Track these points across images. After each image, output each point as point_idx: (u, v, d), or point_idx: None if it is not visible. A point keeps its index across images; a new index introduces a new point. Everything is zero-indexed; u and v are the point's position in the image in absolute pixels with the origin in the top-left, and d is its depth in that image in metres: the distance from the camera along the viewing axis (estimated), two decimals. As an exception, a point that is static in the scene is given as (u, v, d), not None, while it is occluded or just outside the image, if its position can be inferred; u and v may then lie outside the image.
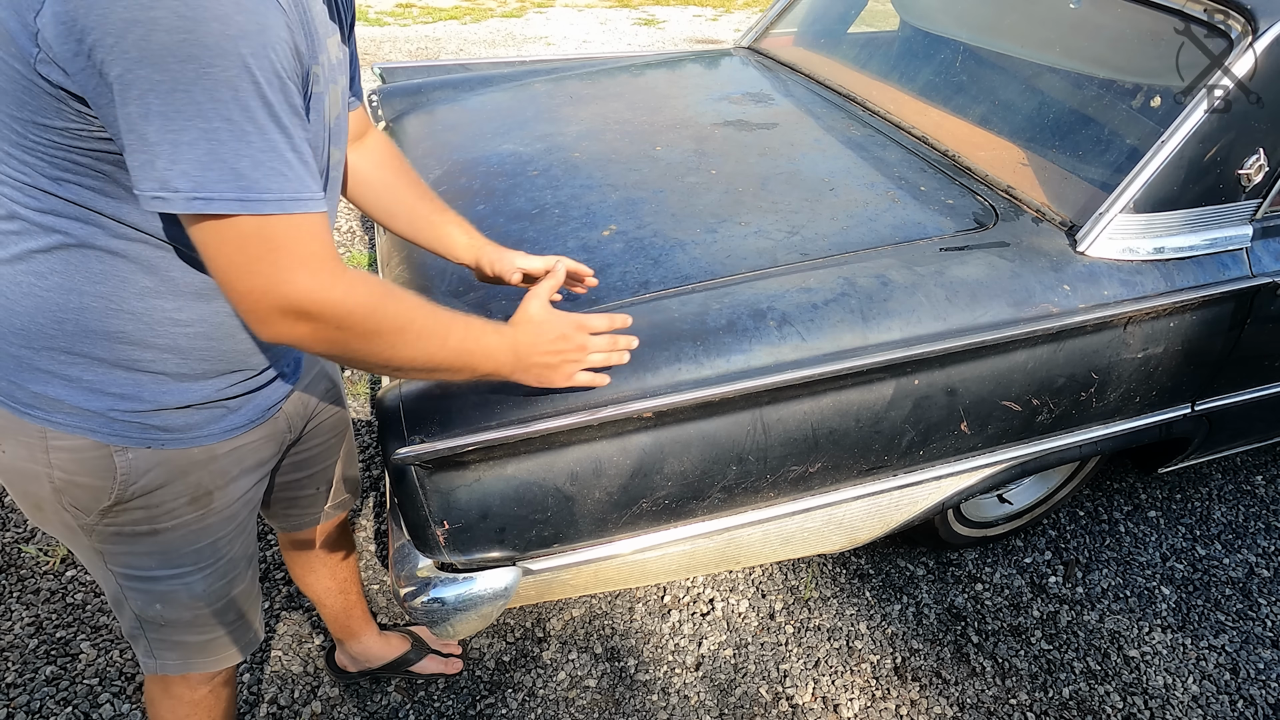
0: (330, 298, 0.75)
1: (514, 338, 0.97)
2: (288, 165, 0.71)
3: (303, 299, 0.74)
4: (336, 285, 0.75)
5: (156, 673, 1.08)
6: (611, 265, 1.40)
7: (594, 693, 1.66)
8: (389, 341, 0.81)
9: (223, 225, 0.70)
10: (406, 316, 0.82)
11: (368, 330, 0.78)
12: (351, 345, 0.79)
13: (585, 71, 2.37)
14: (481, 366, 0.93)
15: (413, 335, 0.83)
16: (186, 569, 0.99)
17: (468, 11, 7.38)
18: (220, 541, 1.01)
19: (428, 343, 0.85)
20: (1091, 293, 1.36)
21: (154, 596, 1.00)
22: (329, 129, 0.87)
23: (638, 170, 1.70)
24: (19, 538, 1.91)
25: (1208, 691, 1.72)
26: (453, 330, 0.88)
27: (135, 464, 0.88)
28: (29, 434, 0.86)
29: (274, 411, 1.02)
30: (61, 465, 0.87)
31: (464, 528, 1.16)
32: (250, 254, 0.71)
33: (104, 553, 0.96)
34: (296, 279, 0.73)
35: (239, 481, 1.00)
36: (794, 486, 1.33)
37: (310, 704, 1.61)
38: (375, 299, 0.79)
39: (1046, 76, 1.72)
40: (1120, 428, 1.56)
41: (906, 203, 1.55)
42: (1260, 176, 1.43)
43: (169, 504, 0.93)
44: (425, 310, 0.85)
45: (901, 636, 1.80)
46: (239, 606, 1.09)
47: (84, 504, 0.90)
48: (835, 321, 1.25)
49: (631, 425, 1.18)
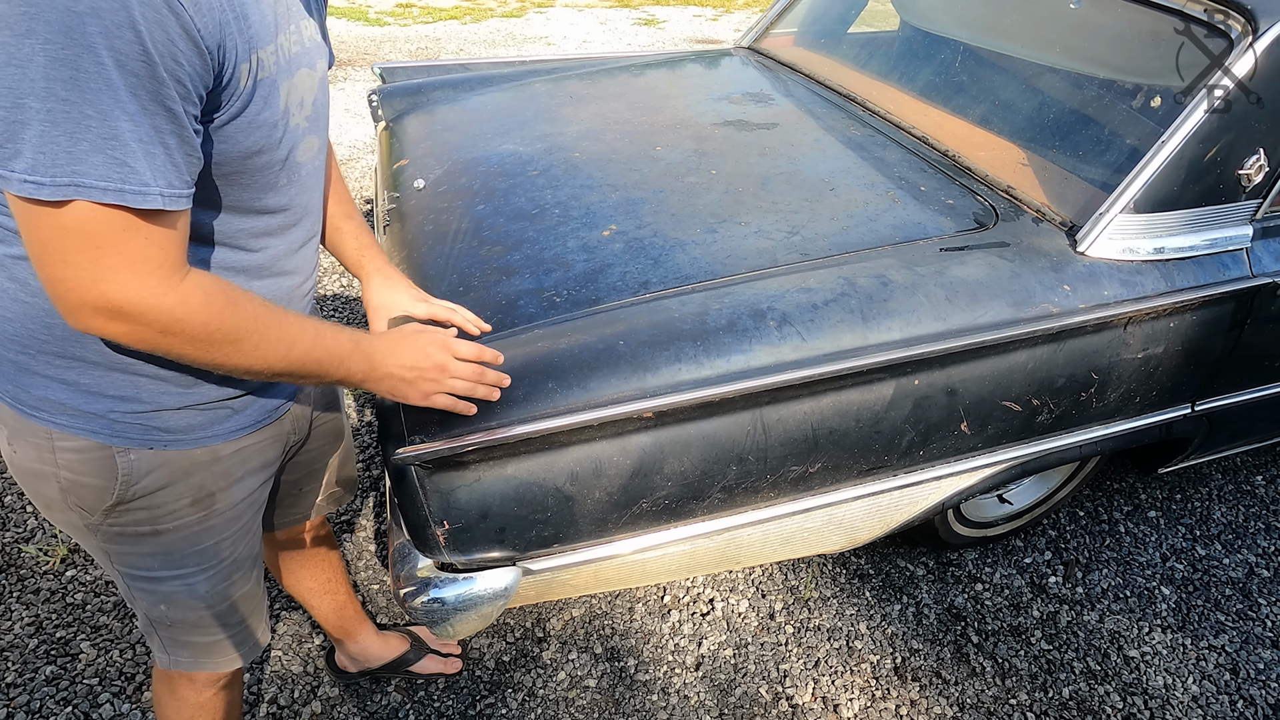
0: (159, 305, 0.71)
1: (371, 345, 0.92)
2: (130, 155, 0.66)
3: (122, 301, 0.70)
4: (169, 294, 0.72)
5: (171, 668, 1.09)
6: (611, 265, 1.40)
7: (594, 693, 1.66)
8: (221, 351, 0.77)
9: (48, 211, 0.66)
10: (244, 327, 0.78)
11: (197, 339, 0.75)
12: (176, 350, 0.75)
13: (585, 71, 2.37)
14: (332, 374, 0.88)
15: (249, 346, 0.79)
16: (189, 570, 0.99)
17: (468, 11, 7.38)
18: (223, 543, 1.01)
19: (267, 352, 0.81)
20: (1091, 293, 1.36)
21: (158, 597, 1.00)
22: (288, 115, 0.84)
23: (638, 170, 1.70)
24: (19, 538, 1.91)
25: (1208, 691, 1.72)
26: (299, 340, 0.83)
27: (137, 465, 0.89)
28: (37, 435, 0.86)
29: (280, 412, 1.01)
30: (67, 465, 0.88)
31: (464, 528, 1.16)
32: (68, 244, 0.67)
33: (109, 552, 0.96)
34: (118, 280, 0.69)
35: (243, 483, 0.99)
36: (794, 487, 1.33)
37: (310, 704, 1.61)
38: (213, 310, 0.75)
39: (1047, 77, 1.72)
40: (1120, 428, 1.55)
41: (906, 203, 1.55)
42: (1260, 177, 1.43)
43: (171, 505, 0.93)
44: (269, 320, 0.80)
45: (901, 636, 1.80)
46: (243, 609, 1.09)
47: (89, 504, 0.90)
48: (835, 321, 1.25)
49: (631, 425, 1.18)
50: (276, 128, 0.82)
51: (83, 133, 0.64)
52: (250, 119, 0.77)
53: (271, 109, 0.80)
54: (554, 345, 1.19)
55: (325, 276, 3.01)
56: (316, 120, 0.91)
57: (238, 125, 0.77)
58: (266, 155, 0.82)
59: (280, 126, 0.82)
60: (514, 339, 1.23)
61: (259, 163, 0.82)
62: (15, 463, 0.91)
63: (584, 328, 1.23)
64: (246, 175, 0.82)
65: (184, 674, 1.12)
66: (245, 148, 0.79)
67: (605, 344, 1.19)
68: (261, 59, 0.76)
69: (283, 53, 0.80)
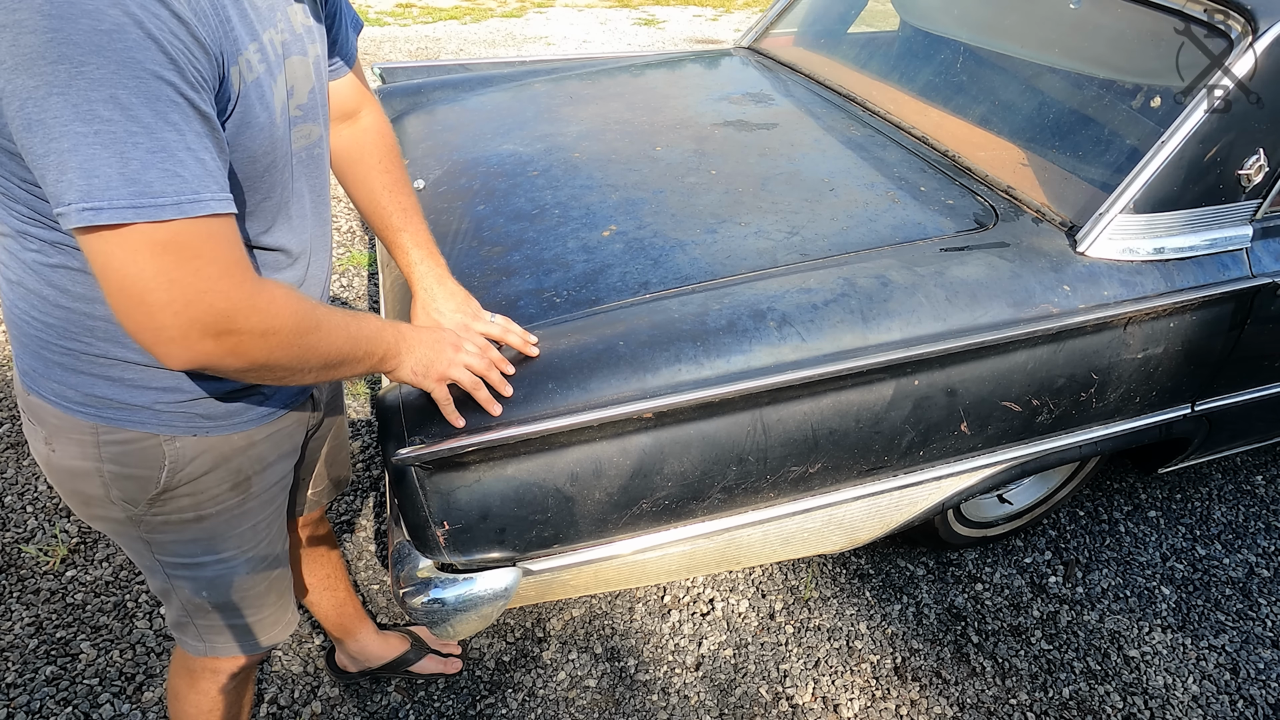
0: (255, 304, 0.71)
1: (398, 323, 0.95)
2: (181, 165, 0.65)
3: (228, 309, 0.69)
4: (260, 293, 0.72)
5: (205, 655, 1.11)
6: (611, 266, 1.40)
7: (594, 693, 1.66)
8: (309, 340, 0.78)
9: (121, 236, 0.64)
10: (316, 313, 0.79)
11: (291, 331, 0.75)
12: (276, 353, 0.75)
13: (585, 71, 2.37)
14: (376, 348, 0.89)
15: (325, 331, 0.80)
16: (230, 553, 1.02)
17: (468, 11, 7.38)
18: (260, 525, 1.04)
19: (337, 333, 0.82)
20: (1091, 293, 1.36)
21: (201, 583, 1.03)
22: (286, 110, 0.83)
23: (638, 170, 1.70)
24: (19, 538, 1.91)
25: (1208, 691, 1.72)
26: (347, 319, 0.85)
27: (182, 452, 0.91)
28: (81, 431, 0.88)
29: (304, 396, 1.04)
30: (113, 458, 0.89)
31: (464, 528, 1.16)
32: (162, 264, 0.65)
33: (152, 543, 0.98)
34: (220, 287, 0.68)
35: (275, 466, 1.02)
36: (794, 487, 1.33)
37: (310, 704, 1.61)
38: (291, 301, 0.76)
39: (1046, 77, 1.72)
40: (1120, 428, 1.55)
41: (906, 203, 1.55)
42: (1260, 177, 1.43)
43: (212, 490, 0.95)
44: (324, 307, 0.82)
45: (901, 636, 1.80)
46: (279, 587, 1.13)
47: (132, 495, 0.92)
48: (835, 322, 1.25)
49: (631, 426, 1.18)
50: (274, 127, 0.81)
51: (131, 150, 0.62)
52: (243, 122, 0.77)
53: (267, 109, 0.79)
54: (554, 346, 1.19)
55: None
56: (312, 107, 0.90)
57: (233, 130, 0.76)
58: (266, 158, 0.82)
59: (280, 125, 0.82)
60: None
61: (260, 166, 0.82)
62: (53, 462, 0.92)
63: (584, 328, 1.23)
64: (247, 181, 0.81)
65: (209, 666, 1.14)
66: (244, 152, 0.79)
67: (605, 344, 1.19)
68: (249, 60, 0.76)
69: (271, 48, 0.80)
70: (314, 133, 0.92)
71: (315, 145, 0.93)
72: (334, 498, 1.38)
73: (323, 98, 0.94)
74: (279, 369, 0.77)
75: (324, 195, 0.99)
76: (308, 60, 0.88)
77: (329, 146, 1.00)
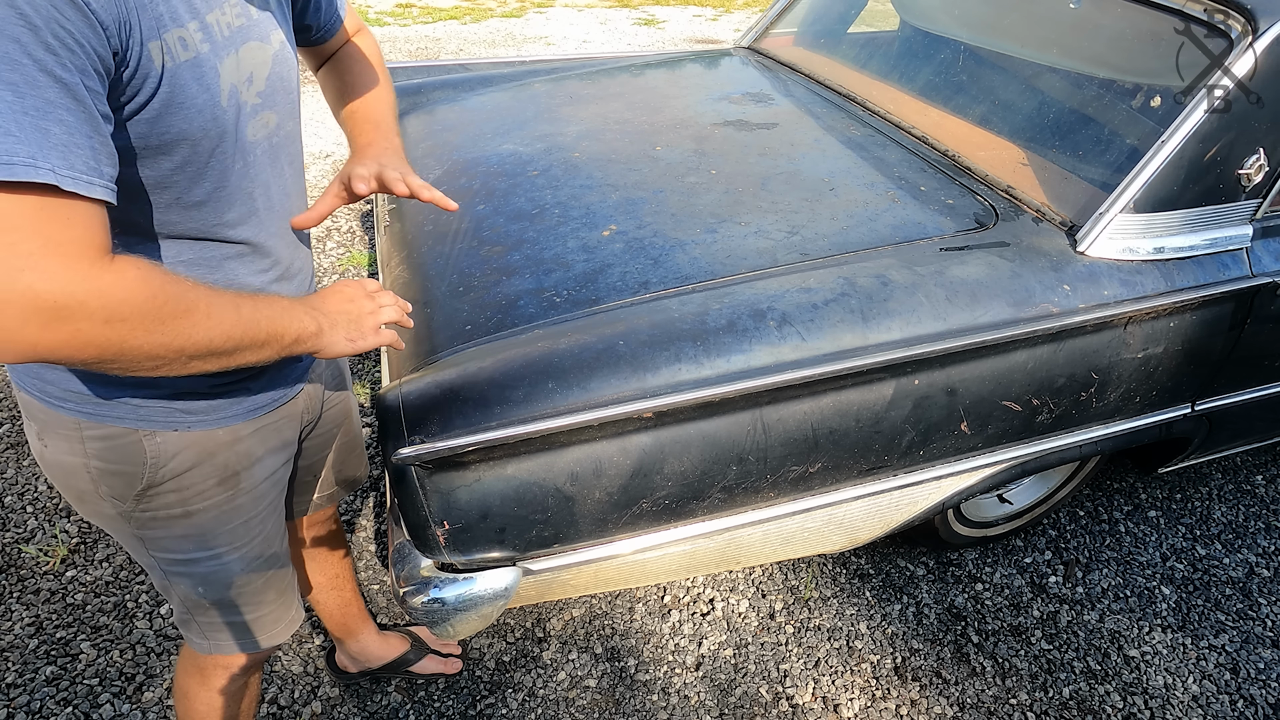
0: (94, 287, 0.63)
1: (306, 298, 0.87)
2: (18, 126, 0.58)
3: (54, 292, 0.61)
4: (103, 274, 0.64)
5: (211, 653, 1.10)
6: (611, 265, 1.40)
7: (594, 693, 1.66)
8: (176, 327, 0.69)
9: None
10: (190, 296, 0.71)
11: (147, 316, 0.67)
12: (129, 340, 0.66)
13: (585, 71, 2.37)
14: (286, 331, 0.81)
15: (201, 315, 0.71)
16: (222, 549, 1.01)
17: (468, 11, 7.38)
18: (252, 521, 1.03)
19: (220, 318, 0.73)
20: (1091, 292, 1.36)
21: (195, 579, 1.02)
22: (235, 94, 0.80)
23: (638, 170, 1.70)
24: (19, 538, 1.91)
25: (1208, 691, 1.72)
26: (240, 301, 0.76)
27: (164, 447, 0.90)
28: (66, 426, 0.88)
29: (294, 392, 1.03)
30: (97, 454, 0.89)
31: (464, 528, 1.16)
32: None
33: (144, 539, 0.98)
34: (43, 267, 0.60)
35: (264, 462, 1.01)
36: (794, 486, 1.33)
37: (310, 704, 1.61)
38: (153, 282, 0.67)
39: (1046, 76, 1.72)
40: (1120, 427, 1.55)
41: (906, 203, 1.55)
42: (1260, 176, 1.43)
43: (198, 485, 0.95)
44: (205, 288, 0.74)
45: (901, 636, 1.80)
46: (278, 585, 1.12)
47: (120, 491, 0.92)
48: (835, 321, 1.25)
49: (631, 425, 1.18)
50: (218, 110, 0.77)
51: None
52: (172, 101, 0.73)
53: (207, 91, 0.75)
54: (554, 345, 1.19)
55: (324, 277, 3.01)
56: (272, 95, 0.86)
57: (159, 110, 0.72)
58: (209, 143, 0.78)
59: (228, 109, 0.79)
60: (514, 339, 1.23)
61: (203, 150, 0.78)
62: (46, 458, 0.92)
63: (584, 328, 1.23)
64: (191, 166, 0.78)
65: (220, 662, 1.14)
66: (177, 134, 0.75)
67: (605, 344, 1.19)
68: (184, 38, 0.72)
69: (217, 29, 0.77)
70: (272, 121, 0.88)
71: (275, 134, 0.89)
72: (345, 496, 1.38)
73: (287, 86, 0.90)
74: (146, 359, 0.69)
75: (297, 187, 0.96)
76: (268, 47, 0.85)
77: (299, 139, 0.97)
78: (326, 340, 0.87)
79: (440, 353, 1.26)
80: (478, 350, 1.23)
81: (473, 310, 1.33)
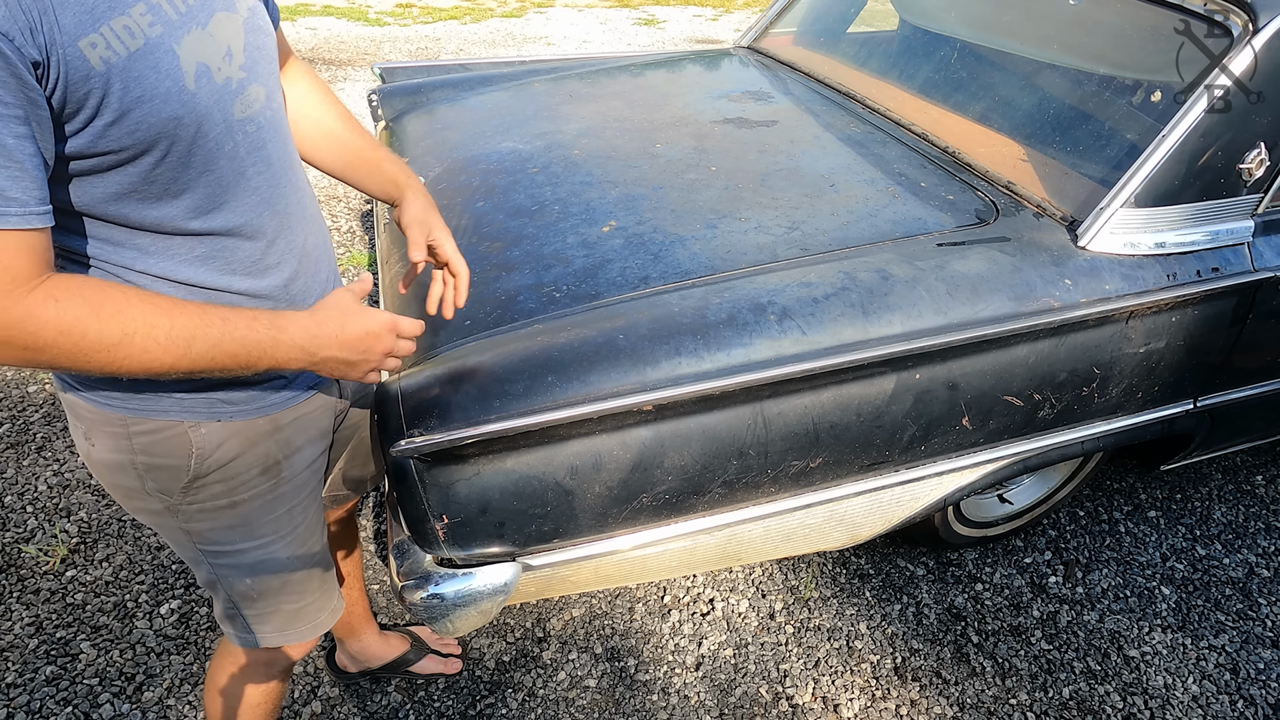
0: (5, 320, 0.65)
1: (304, 331, 0.84)
2: None
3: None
4: (13, 308, 0.65)
5: (256, 646, 1.10)
6: (611, 260, 1.39)
7: (594, 693, 1.65)
8: (98, 359, 0.70)
9: None
10: (116, 331, 0.70)
11: (61, 351, 0.68)
12: (52, 365, 0.69)
13: (585, 71, 2.37)
14: (256, 365, 0.80)
15: (135, 349, 0.71)
16: (268, 538, 1.02)
17: (468, 11, 7.39)
18: (295, 509, 1.04)
19: (159, 354, 0.73)
20: (1093, 287, 1.36)
21: (244, 570, 1.02)
22: (208, 74, 0.76)
23: (637, 167, 1.70)
24: (19, 538, 1.90)
25: (1208, 691, 1.71)
26: (200, 334, 0.75)
27: (208, 438, 0.91)
28: (112, 424, 0.88)
29: (330, 379, 1.03)
30: (143, 449, 0.90)
31: (463, 522, 1.16)
32: None
33: (191, 533, 0.98)
34: None
35: (304, 451, 1.02)
36: (795, 482, 1.32)
37: (310, 704, 1.60)
38: (65, 319, 0.67)
39: (1046, 73, 1.72)
40: (1122, 424, 1.55)
41: (907, 198, 1.55)
42: (1261, 171, 1.43)
43: (243, 475, 0.95)
44: (155, 317, 0.72)
45: (901, 636, 1.79)
46: (320, 573, 1.12)
47: (166, 485, 0.92)
48: (836, 315, 1.25)
49: (631, 419, 1.17)
50: (185, 95, 0.73)
51: None
52: (128, 97, 0.69)
53: (170, 76, 0.72)
54: (554, 340, 1.19)
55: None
56: (254, 67, 0.83)
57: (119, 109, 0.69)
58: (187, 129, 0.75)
59: (197, 92, 0.75)
60: (513, 333, 1.23)
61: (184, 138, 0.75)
62: (93, 457, 0.92)
63: (584, 322, 1.23)
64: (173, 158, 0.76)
65: (262, 657, 1.14)
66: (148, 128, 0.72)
67: (605, 338, 1.18)
68: (129, 26, 0.68)
69: (168, 7, 0.72)
70: (260, 94, 0.84)
71: (266, 107, 0.86)
72: (358, 497, 1.37)
73: (268, 55, 0.86)
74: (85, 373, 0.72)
75: (290, 159, 0.92)
76: (236, 16, 0.80)
77: (283, 107, 0.93)
78: (309, 370, 0.87)
79: (440, 347, 1.26)
80: (477, 345, 1.22)
81: (472, 305, 1.33)
